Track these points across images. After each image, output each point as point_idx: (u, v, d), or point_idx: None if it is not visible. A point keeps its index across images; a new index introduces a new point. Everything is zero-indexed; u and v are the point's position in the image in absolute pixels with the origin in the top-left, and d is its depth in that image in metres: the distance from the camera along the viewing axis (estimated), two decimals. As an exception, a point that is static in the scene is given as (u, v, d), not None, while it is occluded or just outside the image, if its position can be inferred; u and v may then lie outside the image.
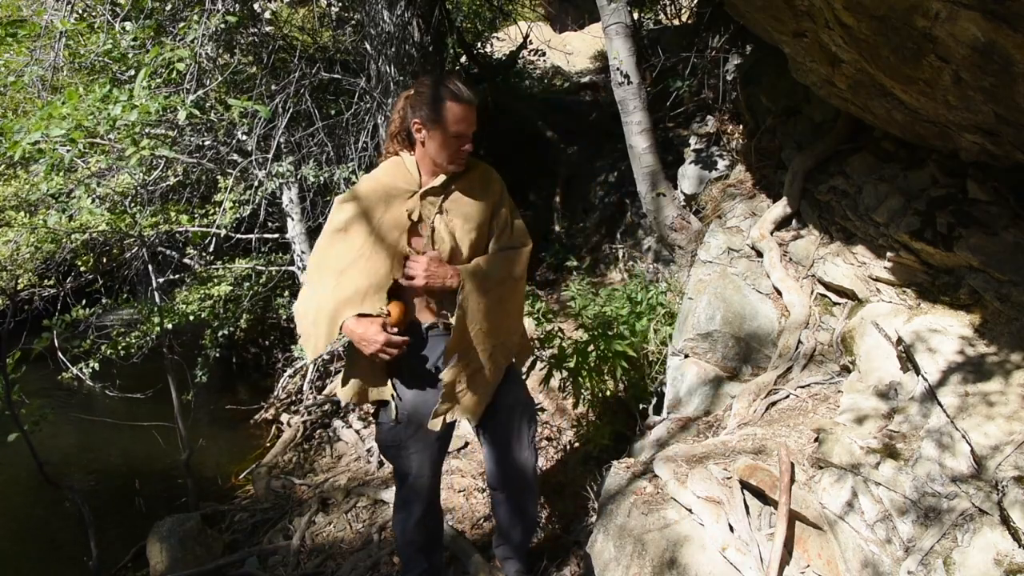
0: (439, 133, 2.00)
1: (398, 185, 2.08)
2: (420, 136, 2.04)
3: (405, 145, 2.12)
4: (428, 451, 2.20)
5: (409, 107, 2.06)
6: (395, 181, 2.09)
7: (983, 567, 1.61)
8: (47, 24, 4.27)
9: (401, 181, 2.09)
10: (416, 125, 2.03)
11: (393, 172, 2.11)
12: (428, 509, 2.32)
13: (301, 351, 5.16)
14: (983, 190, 2.44)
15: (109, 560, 3.56)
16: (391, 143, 2.14)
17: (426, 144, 2.04)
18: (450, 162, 2.06)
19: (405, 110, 2.08)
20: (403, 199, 2.06)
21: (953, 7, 1.71)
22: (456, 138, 2.01)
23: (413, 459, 2.19)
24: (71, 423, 4.97)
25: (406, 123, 2.08)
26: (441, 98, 1.98)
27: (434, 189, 2.09)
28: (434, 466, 2.26)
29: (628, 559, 1.94)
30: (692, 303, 3.05)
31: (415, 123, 2.03)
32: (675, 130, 4.98)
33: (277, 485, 4.11)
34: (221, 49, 5.02)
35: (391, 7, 4.62)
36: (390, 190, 2.07)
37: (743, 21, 3.14)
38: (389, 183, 2.08)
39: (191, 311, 4.97)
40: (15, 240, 4.68)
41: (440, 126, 1.99)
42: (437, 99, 1.99)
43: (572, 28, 11.13)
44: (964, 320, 2.24)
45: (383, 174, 2.12)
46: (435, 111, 1.99)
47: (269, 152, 4.73)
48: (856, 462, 1.95)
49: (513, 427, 2.30)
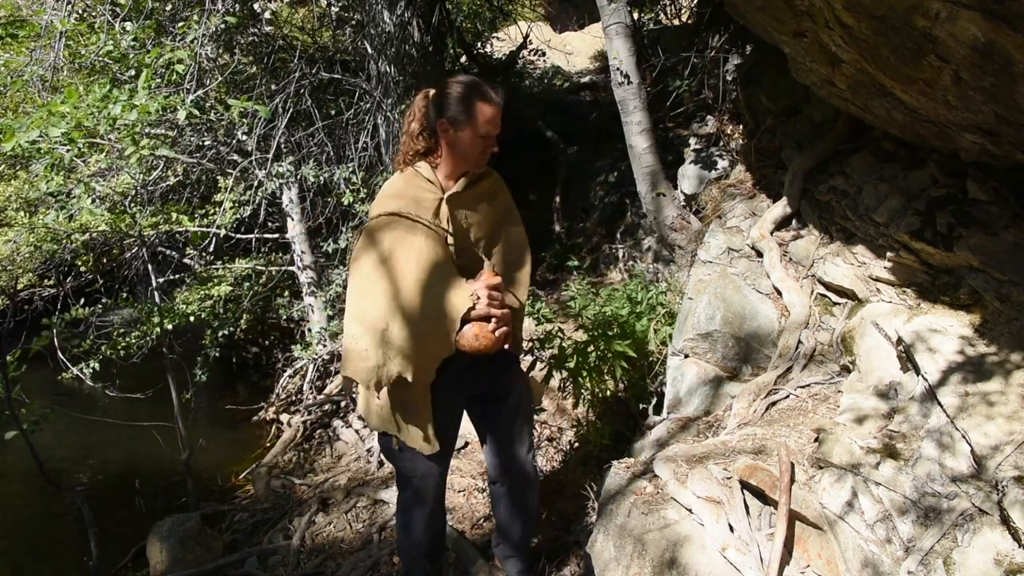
0: (468, 133, 1.99)
1: (423, 196, 2.04)
2: (447, 136, 2.02)
3: (428, 145, 2.07)
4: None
5: (433, 106, 2.03)
6: (419, 193, 2.04)
7: (983, 567, 1.61)
8: (47, 24, 4.28)
9: (425, 191, 2.05)
10: (443, 125, 2.00)
11: (415, 184, 2.06)
12: (435, 510, 2.28)
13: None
14: (983, 190, 2.44)
15: (109, 560, 3.56)
16: (411, 142, 2.08)
17: (453, 144, 2.02)
18: (476, 163, 2.06)
19: (428, 109, 2.05)
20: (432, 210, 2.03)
21: (953, 7, 1.71)
22: (484, 139, 2.01)
23: (419, 458, 2.14)
24: (71, 423, 4.97)
25: (430, 121, 2.05)
26: (471, 98, 1.98)
27: (456, 195, 2.07)
28: (442, 465, 2.23)
29: (628, 559, 1.94)
30: (692, 303, 3.05)
31: (442, 123, 2.00)
32: (675, 130, 4.98)
33: (277, 485, 4.11)
34: (221, 49, 5.02)
35: (391, 7, 4.62)
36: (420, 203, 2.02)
37: (743, 21, 3.14)
38: (415, 195, 2.04)
39: (191, 311, 4.98)
40: (15, 240, 4.68)
41: (470, 126, 1.98)
42: (467, 99, 1.98)
43: (572, 28, 11.12)
44: (964, 320, 2.24)
45: (405, 187, 2.06)
46: (465, 111, 1.97)
47: (269, 152, 4.73)
48: (856, 462, 1.95)
49: (517, 418, 2.31)
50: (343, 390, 4.79)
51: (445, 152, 2.06)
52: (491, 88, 2.01)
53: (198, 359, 5.04)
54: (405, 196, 2.03)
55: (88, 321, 4.95)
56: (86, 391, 5.16)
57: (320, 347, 5.16)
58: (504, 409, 2.30)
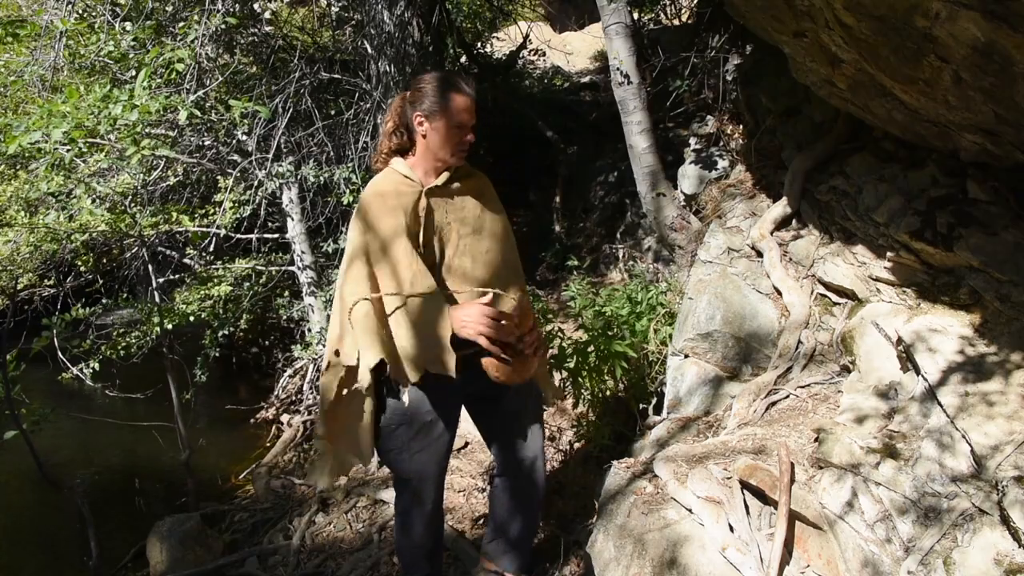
0: (443, 124, 2.02)
1: (403, 190, 2.07)
2: (422, 129, 2.05)
3: (402, 142, 2.12)
4: (432, 449, 2.15)
5: (408, 104, 2.08)
6: (399, 187, 2.08)
7: (983, 567, 1.61)
8: (47, 24, 4.28)
9: (403, 185, 2.08)
10: (418, 118, 2.04)
11: (393, 179, 2.10)
12: (434, 512, 2.28)
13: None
14: (983, 190, 2.44)
15: (109, 560, 3.56)
16: (386, 141, 2.14)
17: (428, 137, 2.05)
18: (452, 154, 2.07)
19: (403, 107, 2.10)
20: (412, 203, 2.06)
21: (953, 7, 1.71)
22: (459, 128, 2.04)
23: (417, 459, 2.15)
24: (71, 423, 4.97)
25: (405, 119, 2.09)
26: (444, 90, 2.01)
27: (437, 188, 2.10)
28: (440, 465, 2.22)
29: (628, 559, 1.94)
30: (692, 303, 3.05)
31: (417, 116, 2.04)
32: (675, 130, 4.99)
33: (277, 485, 4.10)
34: (221, 49, 5.02)
35: (391, 7, 4.62)
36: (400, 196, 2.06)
37: (743, 21, 3.14)
38: (395, 189, 2.07)
39: (191, 311, 4.97)
40: (15, 240, 4.68)
41: (444, 117, 2.01)
42: (440, 91, 2.01)
43: (572, 28, 11.13)
44: (964, 320, 2.24)
45: (384, 183, 2.10)
46: (438, 103, 2.01)
47: (269, 152, 4.73)
48: (856, 462, 1.95)
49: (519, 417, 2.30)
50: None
51: (421, 148, 2.09)
52: (463, 80, 2.05)
53: (198, 359, 5.04)
54: (387, 192, 2.06)
55: (88, 321, 4.95)
56: (86, 391, 5.16)
57: (320, 347, 5.15)
58: (499, 408, 2.28)
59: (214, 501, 4.09)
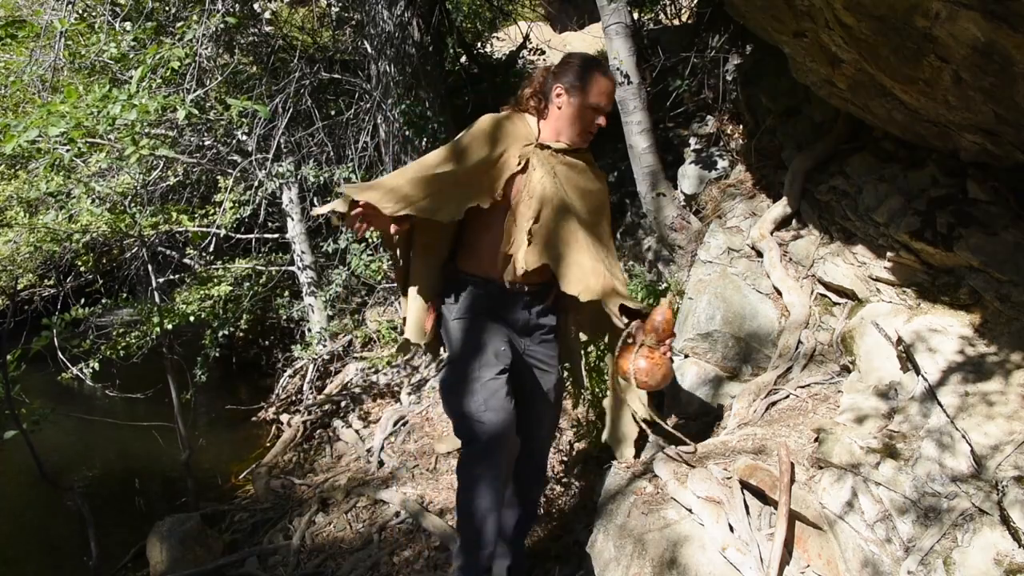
0: (579, 100, 2.07)
1: (519, 132, 2.13)
2: (559, 100, 2.10)
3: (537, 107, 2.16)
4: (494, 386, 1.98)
5: (551, 74, 2.13)
6: (516, 128, 2.13)
7: (983, 567, 1.61)
8: (47, 24, 4.27)
9: (521, 128, 2.14)
10: (558, 89, 2.09)
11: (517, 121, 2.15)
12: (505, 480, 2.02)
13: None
14: (983, 190, 2.44)
15: (109, 560, 3.56)
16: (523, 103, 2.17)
17: (563, 109, 2.10)
18: (579, 134, 2.12)
19: (546, 76, 2.14)
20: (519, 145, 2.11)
21: (953, 7, 1.71)
22: (593, 110, 2.09)
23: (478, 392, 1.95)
24: (71, 423, 4.97)
25: (545, 87, 2.13)
26: (589, 68, 2.08)
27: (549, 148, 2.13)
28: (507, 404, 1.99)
29: (628, 559, 1.94)
30: (692, 303, 3.05)
31: (557, 87, 2.09)
32: (675, 130, 4.98)
33: (277, 485, 4.10)
34: (221, 49, 5.02)
35: (391, 7, 4.62)
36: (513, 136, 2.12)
37: (743, 21, 3.14)
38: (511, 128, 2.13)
39: (191, 311, 4.97)
40: (15, 240, 4.68)
41: (582, 93, 2.07)
42: (585, 68, 2.07)
43: (572, 28, 11.12)
44: (964, 320, 2.24)
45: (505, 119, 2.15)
46: (580, 79, 2.06)
47: (269, 152, 4.73)
48: (856, 462, 1.95)
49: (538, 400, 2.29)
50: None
51: (552, 116, 2.13)
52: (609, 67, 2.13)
53: (198, 359, 5.04)
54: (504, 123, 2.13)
55: (88, 321, 4.96)
56: (86, 391, 5.16)
57: (320, 347, 5.16)
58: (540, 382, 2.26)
59: (214, 501, 4.09)
